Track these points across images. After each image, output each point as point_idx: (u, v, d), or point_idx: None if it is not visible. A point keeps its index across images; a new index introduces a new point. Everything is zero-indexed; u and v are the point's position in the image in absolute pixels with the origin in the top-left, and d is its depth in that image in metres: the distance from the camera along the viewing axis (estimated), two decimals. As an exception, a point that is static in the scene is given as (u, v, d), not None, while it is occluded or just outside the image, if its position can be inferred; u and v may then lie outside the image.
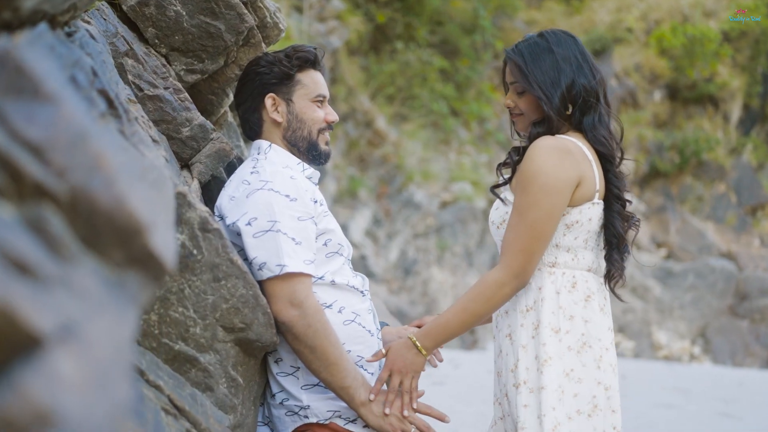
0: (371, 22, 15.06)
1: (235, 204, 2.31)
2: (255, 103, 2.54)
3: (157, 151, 2.07)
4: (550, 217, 2.20)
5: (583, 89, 2.32)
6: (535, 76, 2.32)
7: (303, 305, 2.22)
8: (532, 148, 2.28)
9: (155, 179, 1.42)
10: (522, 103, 2.41)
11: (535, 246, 2.20)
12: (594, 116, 2.32)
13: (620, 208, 2.37)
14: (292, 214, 2.28)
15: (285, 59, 2.54)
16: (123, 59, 2.44)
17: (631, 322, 14.62)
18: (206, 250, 1.98)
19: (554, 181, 2.19)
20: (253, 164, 2.42)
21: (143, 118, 2.19)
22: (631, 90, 20.20)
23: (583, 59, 2.36)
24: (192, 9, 2.74)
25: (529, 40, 2.43)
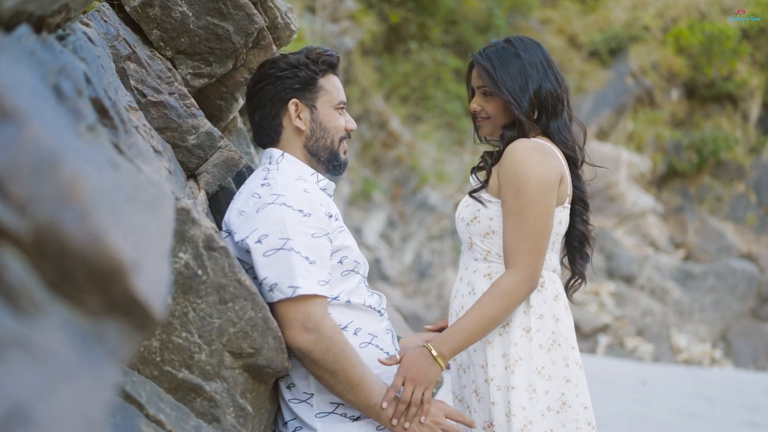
0: (385, 22, 14.90)
1: (244, 219, 2.16)
2: (276, 109, 2.38)
3: (159, 162, 1.93)
4: (548, 215, 2.27)
5: (550, 95, 2.38)
6: (504, 80, 2.36)
7: (319, 328, 2.06)
8: (513, 150, 2.30)
9: (151, 198, 1.27)
10: (489, 107, 2.45)
11: (542, 244, 2.25)
12: (560, 121, 2.40)
13: (583, 211, 2.48)
14: (306, 231, 2.13)
15: (311, 63, 2.38)
16: (125, 63, 2.30)
17: (650, 325, 14.36)
18: (212, 270, 1.83)
19: (546, 180, 2.25)
20: (264, 175, 2.27)
21: (145, 126, 2.04)
22: (648, 89, 19.93)
23: (548, 66, 2.41)
24: (199, 10, 2.60)
25: (496, 45, 2.45)
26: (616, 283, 15.61)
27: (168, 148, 2.31)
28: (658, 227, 18.02)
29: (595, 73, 20.34)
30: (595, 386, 9.07)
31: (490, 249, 2.38)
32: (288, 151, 2.38)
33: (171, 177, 1.97)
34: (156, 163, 1.80)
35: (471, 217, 2.41)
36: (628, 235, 17.52)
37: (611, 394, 8.62)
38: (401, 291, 12.90)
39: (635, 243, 17.27)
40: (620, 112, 19.85)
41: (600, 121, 19.62)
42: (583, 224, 2.48)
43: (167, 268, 1.00)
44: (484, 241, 2.38)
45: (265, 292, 2.08)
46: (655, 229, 17.75)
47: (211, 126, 2.48)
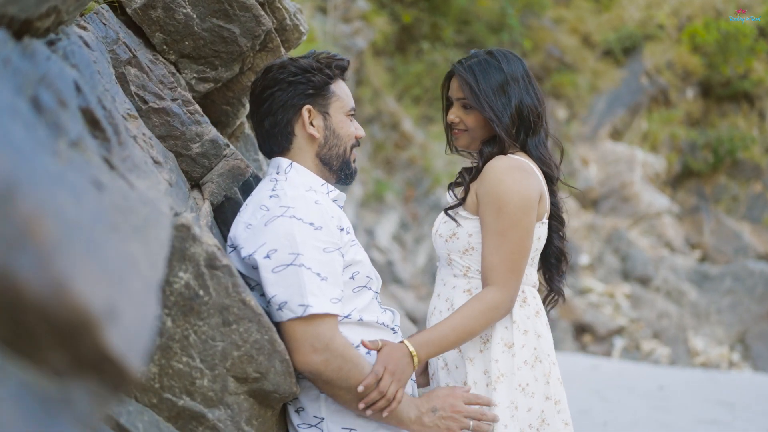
0: (397, 22, 14.77)
1: (251, 233, 2.04)
2: (288, 115, 2.25)
3: (159, 174, 1.81)
4: (529, 234, 2.24)
5: (530, 111, 2.34)
6: (487, 95, 2.31)
7: (329, 348, 1.94)
8: (493, 168, 2.26)
9: (142, 221, 1.14)
10: (469, 120, 2.39)
11: (523, 264, 2.24)
12: (538, 138, 2.37)
13: (560, 227, 2.44)
14: (317, 246, 2.01)
15: (324, 67, 2.26)
16: (125, 68, 2.18)
17: (666, 328, 14.16)
18: (214, 290, 1.71)
19: (527, 199, 2.22)
20: (272, 186, 2.15)
21: (144, 135, 1.93)
22: (663, 88, 19.69)
23: (529, 80, 2.37)
24: (203, 11, 2.48)
25: (478, 56, 2.40)
26: (631, 285, 15.39)
27: (170, 158, 2.20)
28: (674, 228, 17.78)
29: (609, 72, 20.13)
30: (612, 391, 8.90)
31: (469, 265, 2.33)
32: (297, 160, 2.26)
33: (171, 189, 1.85)
34: (154, 176, 1.68)
35: (449, 233, 2.35)
36: (643, 236, 17.30)
37: (629, 400, 8.45)
38: (414, 293, 12.76)
39: (650, 244, 17.04)
40: (635, 112, 19.62)
41: (614, 121, 19.41)
42: (560, 240, 2.44)
43: (153, 307, 0.87)
44: (464, 257, 2.33)
45: (273, 311, 1.96)
46: (670, 230, 17.51)
47: (217, 133, 2.36)
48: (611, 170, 18.66)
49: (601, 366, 11.20)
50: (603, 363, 11.79)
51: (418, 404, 2.12)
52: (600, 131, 19.39)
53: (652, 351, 13.44)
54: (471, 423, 2.14)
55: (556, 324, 13.69)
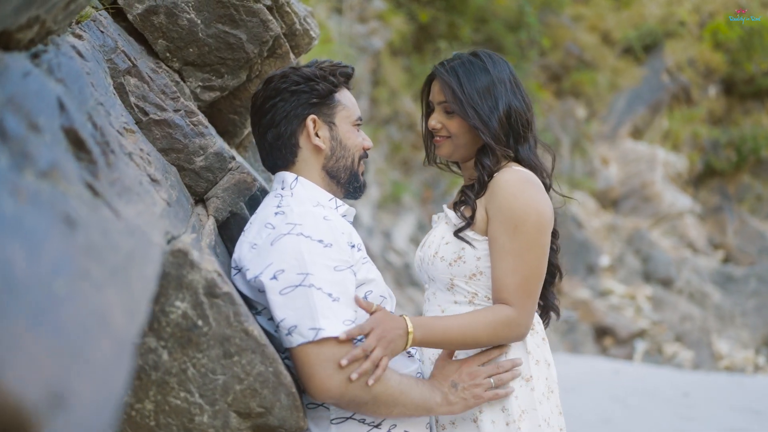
0: (413, 21, 14.62)
1: (257, 253, 1.91)
2: (292, 126, 2.12)
3: (156, 194, 1.69)
4: (545, 255, 2.09)
5: (518, 116, 2.16)
6: (472, 98, 2.14)
7: (345, 370, 1.82)
8: (505, 182, 2.08)
9: (124, 257, 1.02)
10: (452, 126, 2.21)
11: (538, 288, 2.09)
12: (528, 145, 2.20)
13: (554, 240, 2.25)
14: (327, 264, 1.88)
15: (328, 75, 2.14)
16: (124, 78, 2.06)
17: (690, 331, 13.89)
18: (214, 319, 1.58)
19: (545, 218, 2.07)
20: (277, 202, 2.02)
21: (142, 151, 1.80)
22: (685, 86, 19.42)
23: (516, 84, 2.20)
24: (208, 17, 2.36)
25: (461, 58, 2.22)
26: (653, 287, 15.15)
27: (172, 172, 2.08)
28: (696, 228, 17.50)
29: (629, 70, 19.88)
30: (635, 398, 8.70)
31: (476, 291, 2.14)
32: (303, 174, 2.13)
33: (169, 210, 1.72)
34: (149, 197, 1.56)
35: (454, 257, 2.13)
36: (664, 237, 17.03)
37: (652, 408, 8.25)
38: (432, 296, 12.60)
39: (672, 245, 16.78)
40: (655, 110, 19.37)
41: (635, 119, 19.16)
42: (555, 255, 2.26)
43: (123, 371, 0.74)
44: (470, 283, 2.14)
45: (283, 336, 1.83)
46: (692, 230, 17.23)
47: (222, 145, 2.24)
48: (632, 170, 18.42)
49: (623, 370, 10.99)
50: (624, 367, 11.57)
51: (437, 386, 2.03)
52: (620, 130, 19.15)
53: (674, 354, 13.20)
54: (492, 380, 2.05)
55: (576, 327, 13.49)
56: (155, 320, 1.53)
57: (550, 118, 18.05)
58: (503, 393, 2.04)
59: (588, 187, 17.87)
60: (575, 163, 18.25)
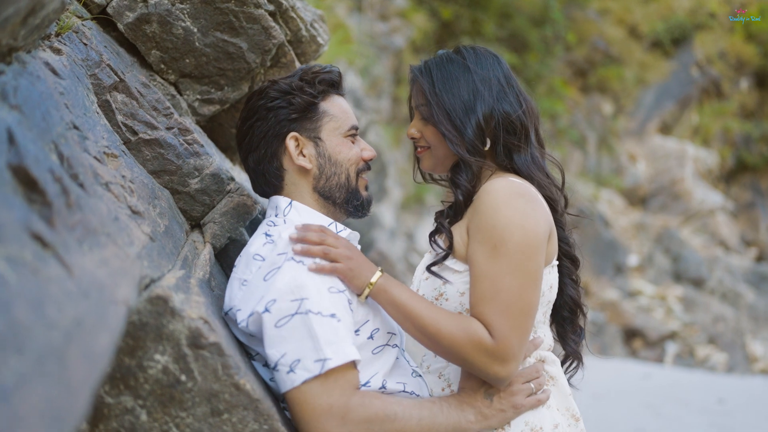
0: (435, 18, 14.38)
1: (248, 291, 1.72)
2: (272, 148, 1.93)
3: (137, 229, 1.50)
4: (535, 283, 1.72)
5: (506, 120, 1.83)
6: (442, 99, 1.83)
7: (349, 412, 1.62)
8: (487, 194, 1.74)
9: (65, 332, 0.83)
10: (428, 134, 1.90)
11: (527, 326, 1.71)
12: (526, 154, 1.84)
13: (572, 269, 1.91)
14: (323, 286, 1.69)
15: (305, 85, 1.92)
16: (110, 95, 1.88)
17: (723, 333, 13.50)
18: (200, 373, 1.39)
19: (533, 235, 1.72)
20: (266, 231, 1.83)
21: (123, 179, 1.62)
22: (715, 79, 18.98)
23: (507, 84, 1.87)
24: (205, 25, 2.17)
25: (441, 56, 1.92)
26: (683, 287, 14.75)
27: (164, 196, 1.89)
28: (728, 226, 17.06)
29: (657, 65, 19.47)
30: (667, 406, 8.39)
31: None
32: (296, 198, 1.94)
33: (153, 246, 1.54)
34: (124, 236, 1.37)
35: (435, 294, 1.83)
36: (695, 235, 16.61)
37: (685, 415, 7.95)
38: (456, 298, 12.37)
39: (703, 243, 16.36)
40: (685, 105, 18.95)
41: (663, 115, 18.77)
42: (574, 287, 1.95)
43: None
44: None
45: (283, 377, 1.62)
46: (724, 228, 16.80)
47: (219, 165, 2.05)
48: (660, 166, 18.02)
49: (654, 375, 10.67)
50: (655, 371, 11.24)
51: (467, 401, 1.79)
52: (648, 126, 18.77)
53: (707, 357, 12.82)
54: (532, 385, 1.79)
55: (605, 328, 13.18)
56: (131, 376, 1.34)
57: (576, 114, 17.73)
58: (545, 397, 1.80)
59: (615, 185, 17.51)
60: (602, 161, 17.91)
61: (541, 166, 1.90)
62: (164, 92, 2.19)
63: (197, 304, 1.46)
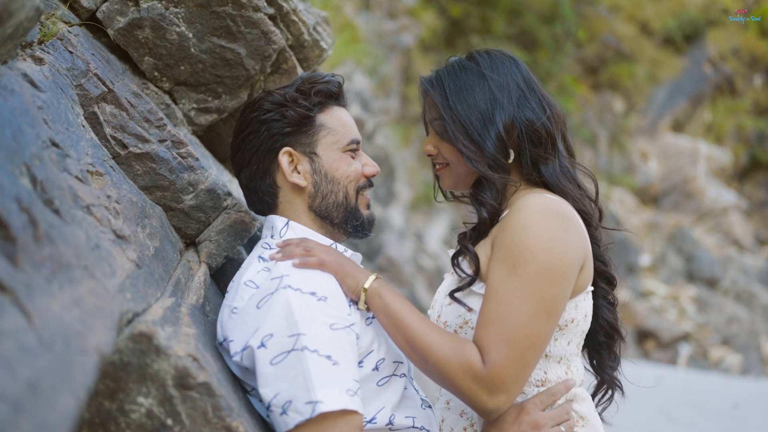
0: (444, 16, 14.22)
1: (239, 320, 1.59)
2: (264, 164, 1.81)
3: (121, 255, 1.38)
4: (550, 313, 1.55)
5: (529, 129, 1.67)
6: (459, 113, 1.67)
7: None
8: (518, 211, 1.59)
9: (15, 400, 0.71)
10: (445, 150, 1.74)
11: (530, 355, 1.55)
12: (554, 165, 1.68)
13: (607, 290, 1.78)
14: (323, 321, 1.55)
15: (300, 96, 1.79)
16: (97, 106, 1.76)
17: (737, 334, 13.30)
18: (188, 416, 1.27)
19: (558, 261, 1.56)
20: (262, 254, 1.71)
21: (109, 199, 1.50)
22: (728, 76, 18.76)
23: (528, 89, 1.71)
24: (201, 30, 2.05)
25: (453, 64, 1.75)
26: (697, 287, 14.56)
27: (155, 214, 1.77)
28: (742, 225, 16.84)
29: (669, 62, 19.26)
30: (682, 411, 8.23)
31: None
32: (293, 218, 1.81)
33: (139, 273, 1.42)
34: (104, 267, 1.25)
35: (459, 321, 1.68)
36: (708, 234, 16.41)
37: (701, 421, 7.80)
38: (466, 300, 12.23)
39: (717, 242, 16.15)
40: (697, 102, 18.74)
41: (675, 112, 18.57)
42: (611, 309, 1.79)
43: None
44: None
45: (277, 419, 1.51)
46: (738, 227, 16.58)
47: (216, 180, 1.93)
48: (673, 164, 17.82)
49: (667, 377, 10.49)
50: (668, 373, 11.06)
51: None
52: (660, 123, 18.57)
53: (721, 359, 12.63)
54: (562, 428, 1.64)
55: (617, 329, 13.00)
56: (112, 422, 1.22)
57: (587, 112, 17.56)
58: None
59: (627, 184, 17.34)
60: (613, 159, 17.73)
61: (572, 177, 1.74)
62: (158, 101, 2.07)
63: (186, 338, 1.34)
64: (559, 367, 1.67)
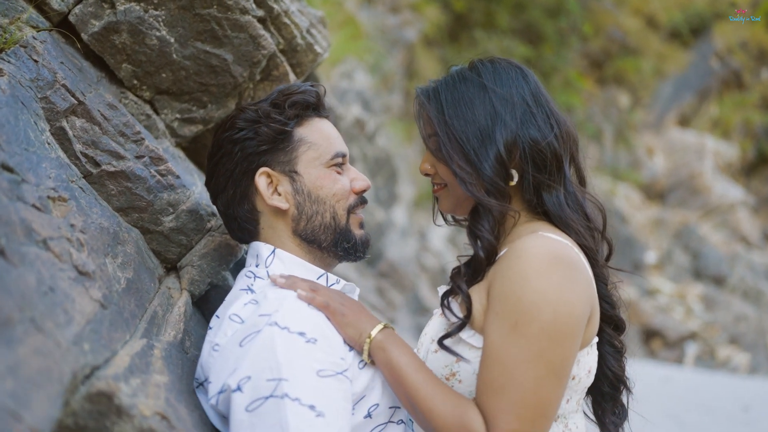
0: (448, 10, 14.02)
1: (220, 358, 1.42)
2: (241, 188, 1.64)
3: (83, 295, 1.21)
4: (560, 376, 1.38)
5: (533, 149, 1.47)
6: (455, 130, 1.47)
7: None
8: (517, 257, 1.39)
9: None
10: (441, 171, 1.54)
11: (541, 425, 1.37)
12: (558, 193, 1.52)
13: (613, 335, 1.58)
14: (310, 366, 1.37)
15: (273, 110, 1.62)
16: (66, 120, 1.60)
17: (745, 332, 13.12)
18: (155, 485, 1.11)
19: (566, 318, 1.37)
20: (247, 284, 1.54)
21: (72, 228, 1.33)
22: (735, 70, 18.55)
23: (536, 104, 1.54)
24: (184, 34, 1.88)
25: (453, 74, 1.55)
26: (703, 285, 14.37)
27: (131, 239, 1.61)
28: (749, 221, 16.63)
29: (675, 55, 19.05)
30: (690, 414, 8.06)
31: None
32: (278, 245, 1.64)
33: (104, 314, 1.25)
34: (59, 315, 1.09)
35: (446, 372, 1.49)
36: (715, 231, 16.21)
37: (710, 425, 7.63)
38: (470, 298, 12.06)
39: (724, 239, 15.95)
40: (704, 96, 18.53)
41: (681, 107, 18.37)
42: (617, 357, 1.60)
43: None
44: None
45: None
46: (745, 223, 16.38)
47: (198, 199, 1.76)
48: (679, 160, 17.62)
49: (674, 378, 10.33)
50: (675, 373, 10.90)
51: None
52: (666, 118, 18.37)
53: (728, 358, 12.45)
54: None
55: (623, 328, 12.83)
56: (67, 494, 1.06)
57: (592, 107, 17.37)
58: None
59: (632, 179, 17.15)
60: (619, 154, 17.55)
61: (578, 207, 1.55)
62: (138, 112, 1.91)
63: (156, 391, 1.17)
64: (556, 426, 1.48)
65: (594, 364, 1.53)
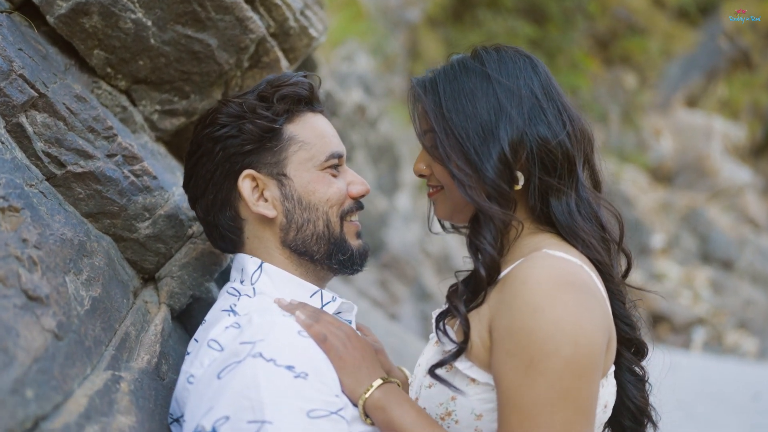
0: (452, -11, 13.77)
1: (195, 392, 1.24)
2: (223, 192, 1.45)
3: (31, 328, 1.03)
4: (589, 413, 1.21)
5: (542, 148, 1.29)
6: (454, 125, 1.29)
7: None
8: (522, 284, 1.21)
9: None
10: (437, 172, 1.36)
11: None
12: (568, 199, 1.35)
13: (633, 360, 1.41)
14: (298, 406, 1.19)
15: (260, 104, 1.43)
16: (24, 116, 1.41)
17: (753, 317, 12.96)
18: None
19: (588, 350, 1.20)
20: (230, 304, 1.36)
21: (21, 246, 1.15)
22: (744, 50, 18.28)
23: (546, 97, 1.37)
24: (162, 17, 1.68)
25: (453, 63, 1.36)
26: (711, 269, 14.19)
27: (101, 248, 1.42)
28: (758, 204, 16.43)
29: (683, 35, 18.78)
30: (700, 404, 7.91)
31: None
32: (265, 258, 1.45)
33: (58, 347, 1.07)
34: (-6, 358, 0.91)
35: (440, 412, 1.32)
36: (723, 214, 16.01)
37: (719, 415, 7.48)
38: (475, 284, 11.90)
39: (732, 222, 15.76)
40: (712, 77, 18.28)
41: (689, 87, 18.13)
42: (638, 387, 1.43)
43: None
44: None
45: None
46: (754, 206, 16.17)
47: (178, 202, 1.58)
48: (686, 141, 17.40)
49: (681, 364, 10.16)
50: (682, 359, 10.73)
51: None
52: (673, 99, 18.13)
53: (737, 343, 12.29)
54: None
55: (630, 313, 12.69)
56: None
57: (598, 88, 17.16)
58: None
59: (639, 161, 16.94)
60: (625, 136, 17.34)
61: (592, 215, 1.36)
62: (112, 103, 1.72)
63: (117, 440, 0.99)
64: None
65: (611, 397, 1.35)
